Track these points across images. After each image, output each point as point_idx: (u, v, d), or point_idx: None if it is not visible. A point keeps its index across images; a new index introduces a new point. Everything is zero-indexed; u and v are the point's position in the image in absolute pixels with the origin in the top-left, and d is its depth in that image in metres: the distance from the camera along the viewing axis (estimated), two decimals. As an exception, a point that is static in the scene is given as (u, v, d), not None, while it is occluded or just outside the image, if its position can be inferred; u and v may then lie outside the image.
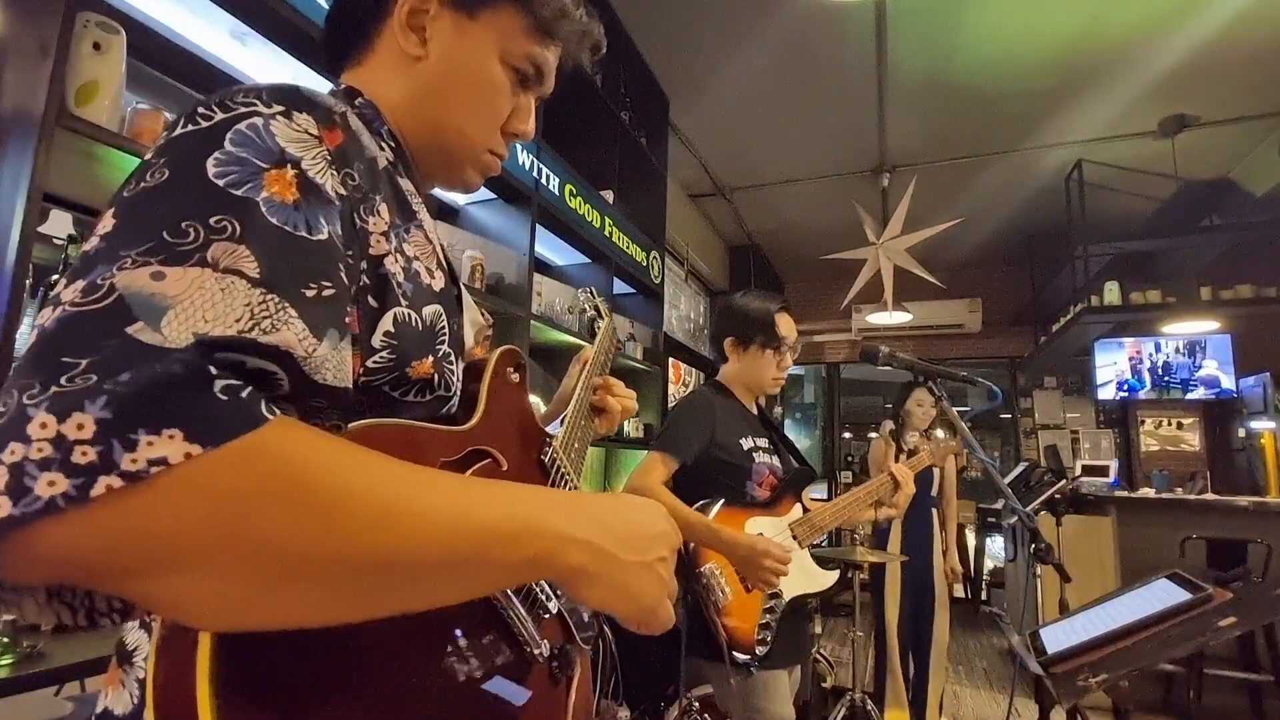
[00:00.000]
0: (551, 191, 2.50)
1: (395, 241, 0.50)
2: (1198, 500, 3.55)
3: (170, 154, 0.40)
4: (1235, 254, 4.57)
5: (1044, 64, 3.32)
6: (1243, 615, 1.02)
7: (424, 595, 0.40)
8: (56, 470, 0.29)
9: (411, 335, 0.50)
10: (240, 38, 1.46)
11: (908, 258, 4.36)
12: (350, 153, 0.48)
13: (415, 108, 0.59)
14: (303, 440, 0.35)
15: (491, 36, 0.60)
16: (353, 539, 0.35)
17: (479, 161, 0.64)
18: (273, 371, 0.37)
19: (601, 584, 0.45)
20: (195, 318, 0.34)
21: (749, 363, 1.73)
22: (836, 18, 3.02)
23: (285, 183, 0.41)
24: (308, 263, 0.40)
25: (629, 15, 3.04)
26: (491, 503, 0.42)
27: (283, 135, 0.43)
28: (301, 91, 0.47)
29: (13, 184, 1.03)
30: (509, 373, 0.66)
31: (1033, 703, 3.10)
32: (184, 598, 0.33)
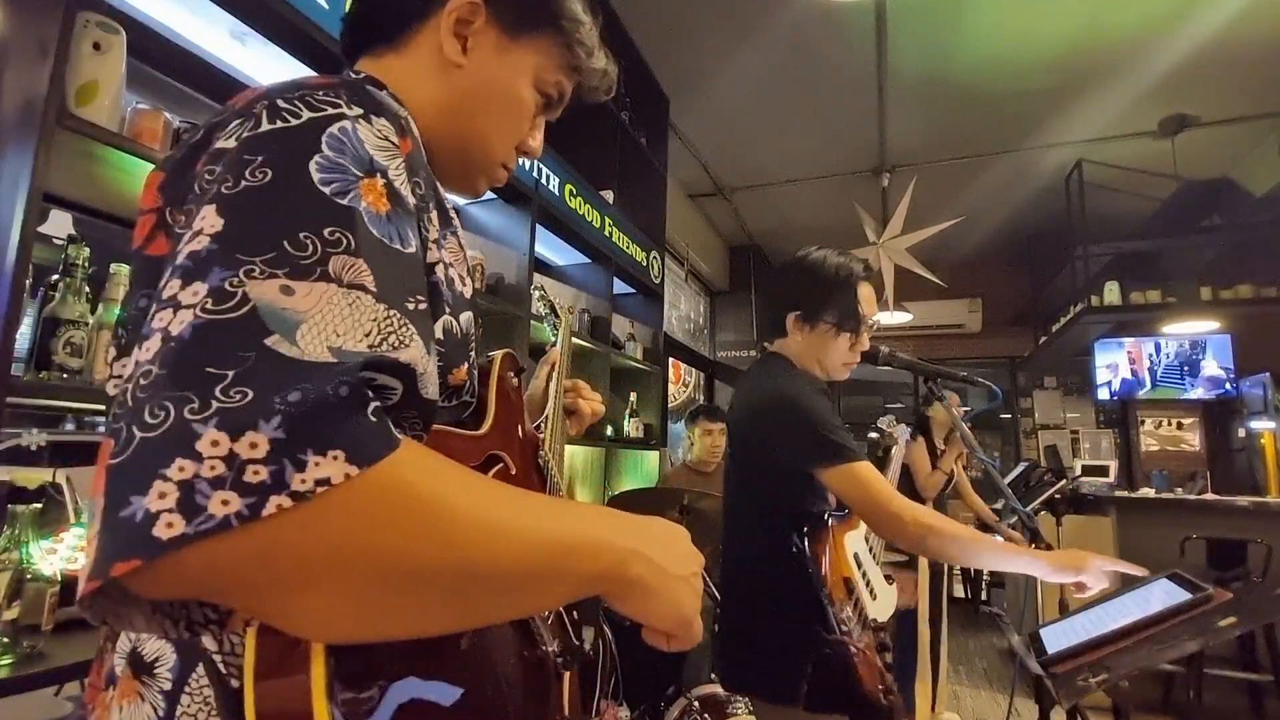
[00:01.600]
0: (551, 191, 2.50)
1: (440, 250, 0.50)
2: (1198, 500, 3.55)
3: (269, 152, 0.39)
4: (1235, 254, 4.57)
5: (1044, 64, 3.32)
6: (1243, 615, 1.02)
7: (516, 606, 0.43)
8: (230, 489, 0.29)
9: (454, 343, 0.50)
10: (240, 38, 1.46)
11: (908, 257, 4.36)
12: (416, 161, 0.47)
13: (444, 112, 0.59)
14: (428, 464, 0.37)
15: (529, 60, 0.61)
16: (465, 555, 0.36)
17: (493, 173, 0.66)
18: (393, 389, 0.37)
19: (655, 596, 0.47)
20: (328, 332, 0.34)
21: (815, 343, 1.35)
22: (836, 18, 3.02)
23: (378, 193, 0.41)
24: (406, 276, 0.40)
25: (629, 15, 3.04)
26: (567, 520, 0.43)
27: (369, 142, 0.42)
28: (370, 93, 0.46)
29: (13, 184, 1.03)
30: (510, 378, 0.67)
31: (1033, 703, 3.10)
32: (316, 611, 0.33)
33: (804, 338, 1.36)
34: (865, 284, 1.37)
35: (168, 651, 0.45)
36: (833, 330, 1.33)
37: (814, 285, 1.35)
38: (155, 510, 0.28)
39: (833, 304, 1.33)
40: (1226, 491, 3.94)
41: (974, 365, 6.30)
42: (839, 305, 1.33)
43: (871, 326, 1.38)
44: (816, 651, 1.18)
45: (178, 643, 0.45)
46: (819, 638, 1.18)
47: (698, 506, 2.39)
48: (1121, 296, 4.43)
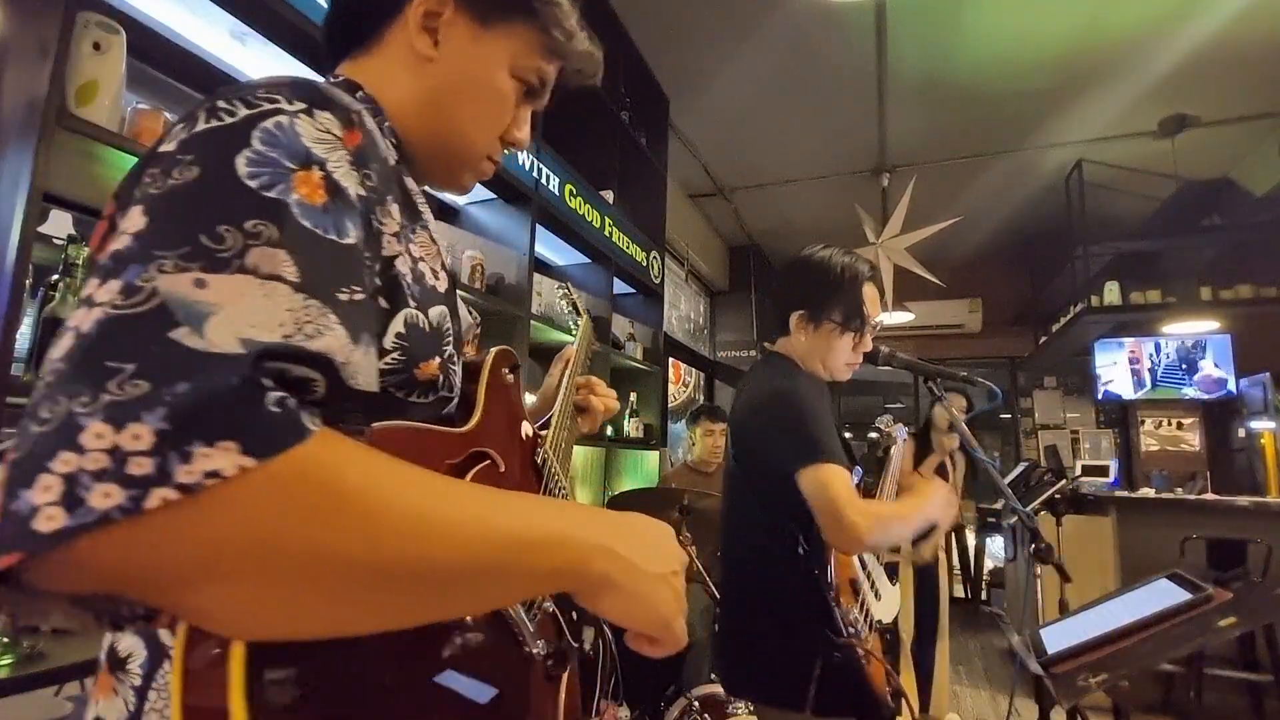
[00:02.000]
0: (551, 191, 2.50)
1: (404, 243, 0.50)
2: (1198, 500, 3.55)
3: (197, 150, 0.39)
4: (1235, 254, 4.57)
5: (1044, 64, 3.32)
6: (1243, 615, 1.02)
7: (456, 604, 0.41)
8: (112, 482, 0.29)
9: (420, 337, 0.50)
10: (240, 38, 1.46)
11: (908, 257, 4.36)
12: (368, 153, 0.47)
13: (421, 108, 0.59)
14: (343, 453, 0.35)
15: (504, 48, 0.60)
16: (390, 550, 0.35)
17: (478, 167, 0.65)
18: (312, 379, 0.37)
19: (624, 594, 0.46)
20: (239, 324, 0.33)
21: (819, 343, 1.34)
22: (836, 18, 3.02)
23: (313, 184, 0.41)
24: (339, 266, 0.40)
25: (629, 15, 3.04)
26: (519, 514, 0.42)
27: (307, 135, 0.42)
28: (321, 88, 0.47)
29: (13, 184, 1.03)
30: (504, 374, 0.66)
31: (1033, 703, 3.10)
32: (223, 607, 0.33)
33: (808, 337, 1.35)
34: (870, 284, 1.36)
35: (139, 648, 0.45)
36: (837, 330, 1.32)
37: (819, 284, 1.34)
38: (38, 504, 0.28)
39: (838, 303, 1.32)
40: (1226, 491, 3.94)
41: (974, 365, 6.30)
42: (844, 305, 1.32)
43: (875, 327, 1.38)
44: (825, 655, 1.16)
45: (148, 639, 0.45)
46: (827, 640, 1.16)
47: (698, 506, 2.39)
48: (1121, 296, 4.43)
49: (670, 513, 2.49)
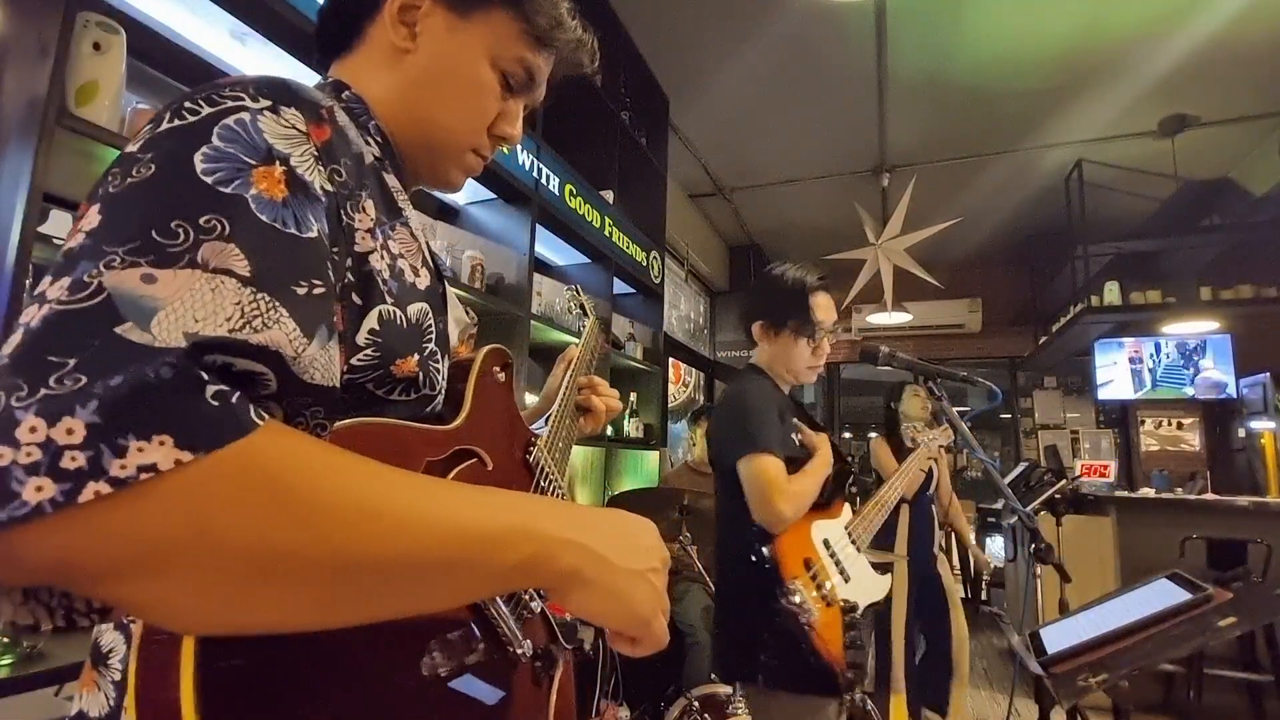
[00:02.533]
0: (551, 191, 2.50)
1: (381, 238, 0.50)
2: (1198, 500, 3.55)
3: (157, 149, 0.40)
4: (1235, 254, 4.57)
5: (1044, 64, 3.32)
6: (1243, 615, 1.02)
7: (413, 600, 0.40)
8: (44, 475, 0.29)
9: (396, 333, 0.50)
10: (240, 38, 1.46)
11: (907, 258, 4.36)
12: (337, 148, 0.47)
13: (402, 102, 0.59)
14: (289, 447, 0.35)
15: (483, 38, 0.60)
16: (337, 544, 0.35)
17: (462, 160, 0.64)
18: (261, 373, 0.37)
19: (596, 590, 0.45)
20: (185, 318, 0.33)
21: (779, 350, 1.51)
22: (836, 18, 3.02)
23: (274, 180, 0.41)
24: (298, 260, 0.40)
25: (629, 15, 3.04)
26: (480, 507, 0.41)
27: (270, 131, 0.42)
28: (289, 85, 0.46)
29: (13, 184, 1.03)
30: (495, 372, 0.66)
31: (1033, 703, 3.10)
32: (164, 601, 0.33)
33: (770, 345, 1.53)
34: (820, 293, 1.51)
35: (119, 643, 0.45)
36: (792, 336, 1.49)
37: (773, 296, 1.52)
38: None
39: (790, 312, 1.49)
40: (1226, 491, 3.94)
41: (974, 365, 6.30)
42: (795, 313, 1.48)
43: (831, 332, 1.51)
44: (768, 623, 1.26)
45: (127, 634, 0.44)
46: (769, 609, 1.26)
47: (698, 506, 2.39)
48: (1121, 296, 4.43)
49: (670, 513, 2.49)
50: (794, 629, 1.23)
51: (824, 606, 1.29)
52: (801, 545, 1.35)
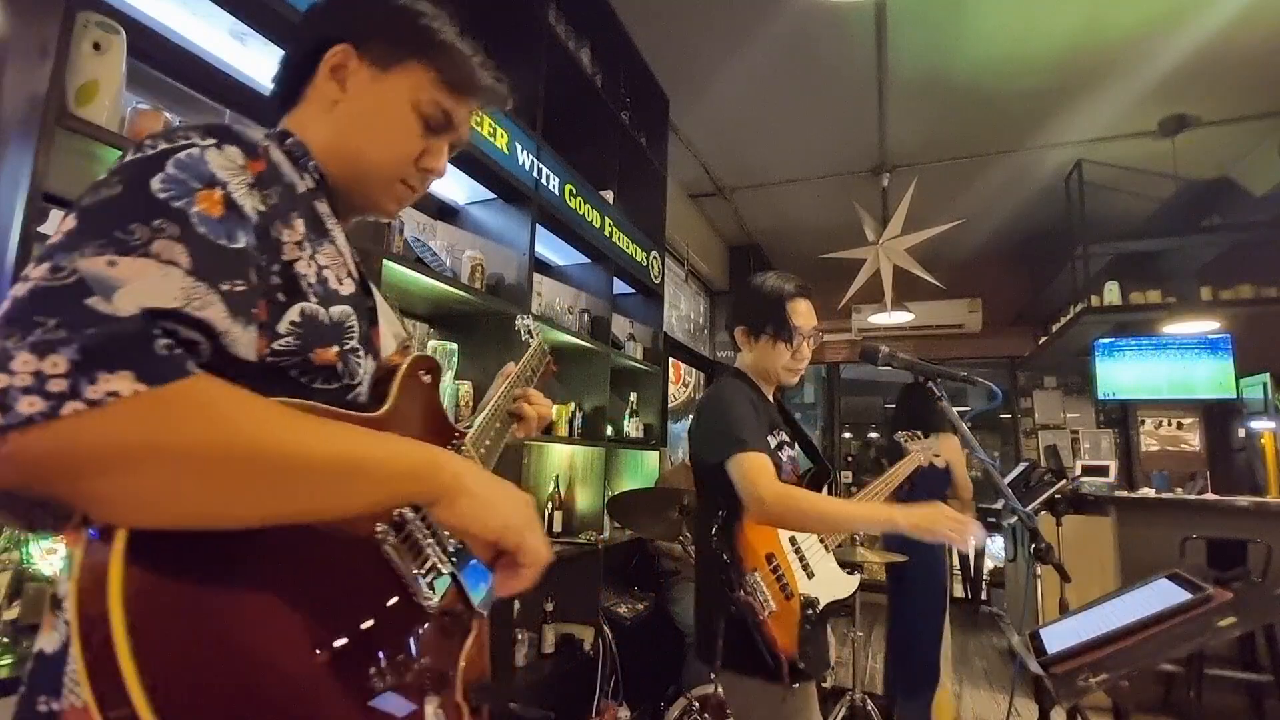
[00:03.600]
0: (551, 191, 2.50)
1: (309, 250, 0.61)
2: (1198, 500, 3.54)
3: (122, 174, 0.51)
4: (1235, 254, 4.57)
5: (1044, 64, 3.32)
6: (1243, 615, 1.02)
7: (319, 497, 0.50)
8: (35, 394, 0.40)
9: (316, 327, 0.60)
10: (240, 37, 1.46)
11: (908, 258, 4.36)
12: (269, 179, 0.58)
13: (335, 143, 0.70)
14: (218, 386, 0.47)
15: (402, 86, 0.71)
16: (255, 448, 0.46)
17: (392, 190, 0.74)
18: (198, 341, 0.48)
19: (475, 499, 0.57)
20: (141, 294, 0.44)
21: (760, 354, 1.59)
22: (836, 18, 3.02)
23: (214, 201, 0.52)
24: (226, 264, 0.51)
25: (629, 15, 3.04)
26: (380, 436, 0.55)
27: (215, 163, 0.54)
28: (232, 129, 0.58)
29: (13, 184, 1.03)
30: (420, 374, 0.76)
31: (1033, 703, 3.10)
32: (117, 493, 0.43)
33: (751, 349, 1.60)
34: (799, 300, 1.59)
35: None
36: (771, 341, 1.56)
37: (752, 304, 1.60)
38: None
39: (769, 318, 1.56)
40: (1226, 491, 3.94)
41: (974, 365, 6.30)
42: (774, 319, 1.55)
43: (810, 336, 1.58)
44: (725, 610, 1.34)
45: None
46: (725, 597, 1.34)
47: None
48: (1121, 296, 4.42)
49: (670, 513, 2.49)
50: (747, 618, 1.33)
51: (783, 600, 1.37)
52: (767, 541, 1.42)
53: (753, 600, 1.34)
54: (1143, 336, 5.03)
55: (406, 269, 1.76)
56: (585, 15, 2.84)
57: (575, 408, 2.76)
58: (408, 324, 2.22)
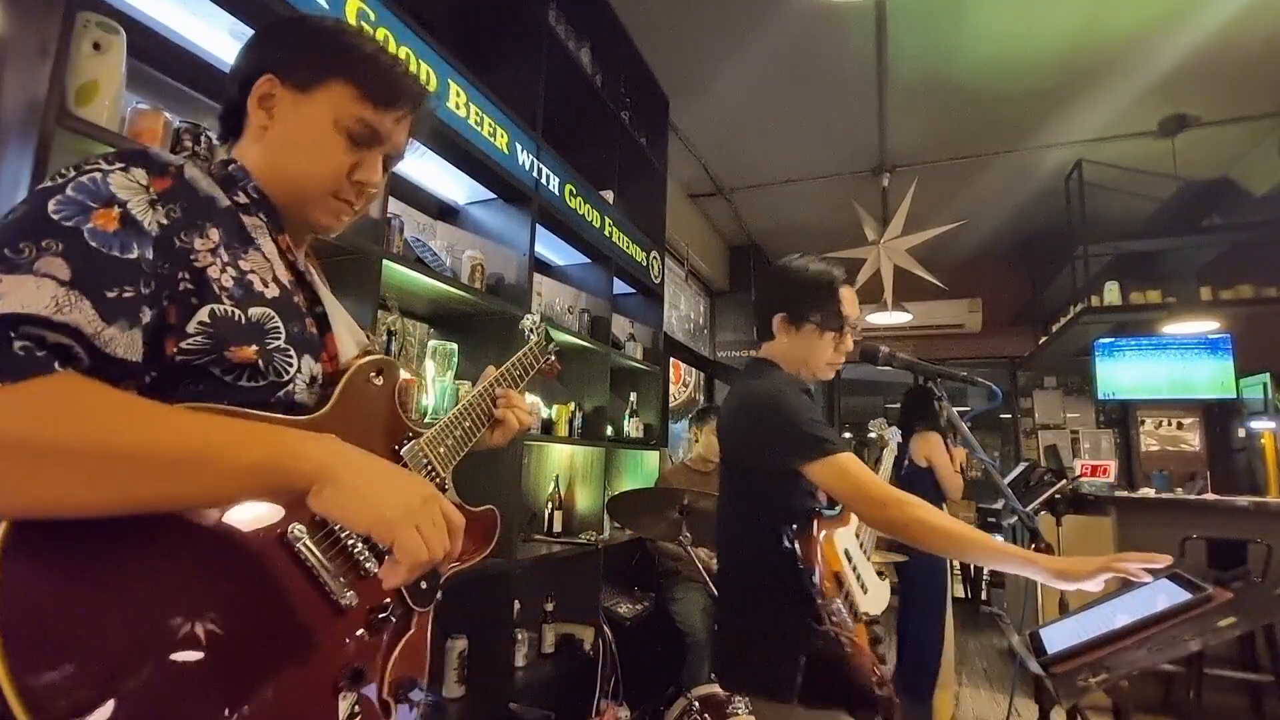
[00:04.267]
0: (551, 191, 2.50)
1: (228, 257, 0.66)
2: (1198, 500, 3.54)
3: (28, 200, 0.57)
4: (1235, 254, 4.57)
5: (1044, 64, 3.32)
6: (1243, 615, 1.02)
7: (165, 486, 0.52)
8: None
9: (228, 326, 0.63)
10: (240, 37, 1.46)
11: (908, 258, 4.35)
12: (176, 194, 0.63)
13: (269, 165, 0.75)
14: (79, 382, 0.51)
15: (324, 106, 0.75)
16: (105, 439, 0.50)
17: (326, 204, 0.77)
18: (69, 345, 0.52)
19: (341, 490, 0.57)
20: (13, 303, 0.49)
21: (802, 343, 1.42)
22: (836, 18, 3.02)
23: (110, 217, 0.57)
24: (113, 273, 0.56)
25: (629, 15, 3.04)
26: (231, 423, 0.58)
27: (116, 184, 0.59)
28: (148, 152, 0.64)
29: (13, 184, 1.03)
30: (372, 376, 0.78)
31: (1033, 703, 3.10)
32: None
33: (790, 339, 1.43)
34: (846, 287, 1.44)
35: None
36: (817, 331, 1.41)
37: (798, 289, 1.42)
38: None
39: (816, 306, 1.40)
40: (1226, 491, 3.94)
41: (974, 365, 6.30)
42: (822, 307, 1.40)
43: (856, 327, 1.45)
44: (809, 645, 1.20)
45: None
46: (811, 630, 1.20)
47: (698, 506, 2.39)
48: (1121, 296, 4.42)
49: (670, 513, 2.49)
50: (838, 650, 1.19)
51: (855, 623, 1.26)
52: (830, 559, 1.29)
53: (840, 631, 1.20)
54: (1143, 336, 5.03)
55: (406, 269, 1.76)
56: (585, 15, 2.84)
57: (575, 408, 2.76)
58: (408, 324, 2.22)
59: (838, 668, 1.19)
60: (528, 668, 2.33)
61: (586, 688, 2.52)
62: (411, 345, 2.23)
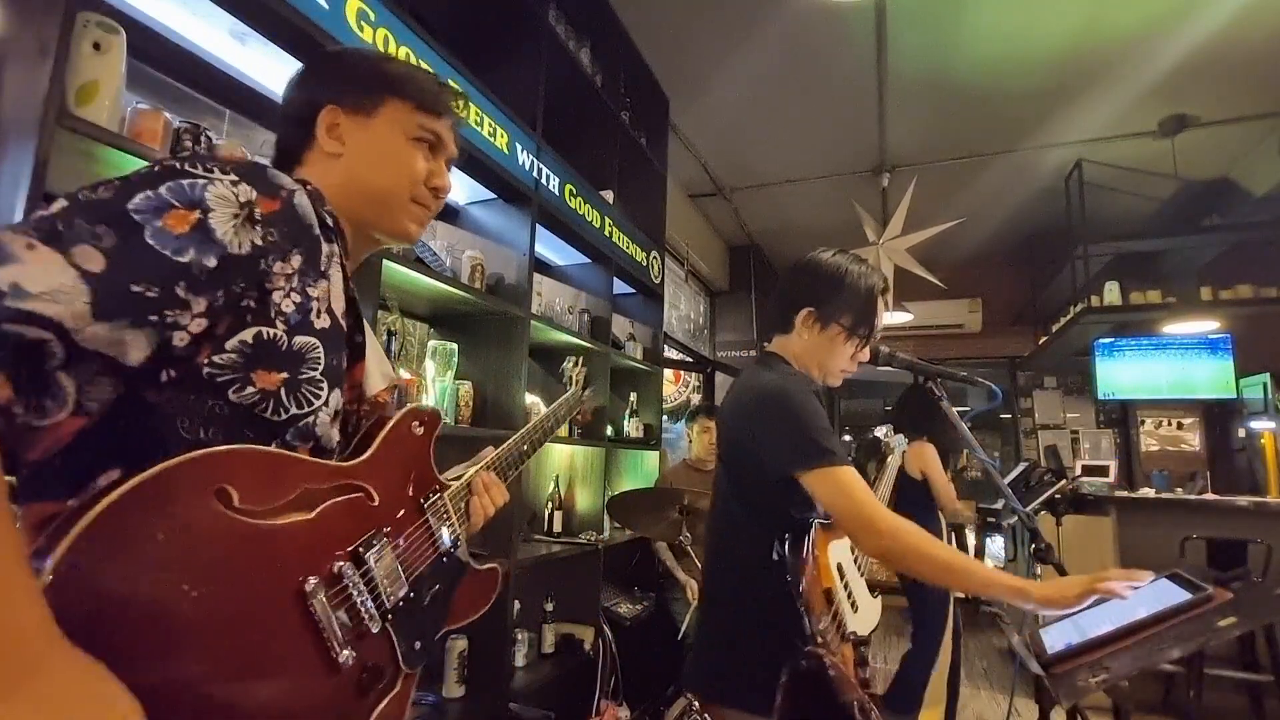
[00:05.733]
0: (551, 191, 2.50)
1: (299, 283, 0.65)
2: (1198, 500, 3.54)
3: (125, 182, 0.56)
4: (1235, 254, 4.57)
5: (1044, 64, 3.32)
6: (1243, 615, 1.02)
7: None
8: None
9: (268, 350, 0.62)
10: (240, 37, 1.46)
11: (908, 258, 4.36)
12: (280, 218, 0.63)
13: (347, 188, 0.78)
14: None
15: (390, 123, 0.81)
16: None
17: (408, 210, 0.82)
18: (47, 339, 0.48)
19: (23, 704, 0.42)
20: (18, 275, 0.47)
21: (822, 344, 1.33)
22: (836, 18, 3.02)
23: (184, 220, 0.56)
24: (154, 271, 0.54)
25: (629, 15, 3.04)
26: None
27: (213, 193, 0.59)
28: (265, 172, 0.65)
29: (13, 184, 1.03)
30: (414, 425, 0.80)
31: (1033, 703, 3.10)
32: None
33: (811, 336, 1.34)
34: (881, 298, 1.37)
35: None
36: (843, 334, 1.32)
37: (835, 287, 1.32)
38: None
39: (850, 309, 1.32)
40: (1226, 491, 3.94)
41: (974, 365, 6.30)
42: (855, 312, 1.32)
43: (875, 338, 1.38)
44: (792, 662, 1.14)
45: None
46: (794, 648, 1.14)
47: (697, 506, 2.39)
48: (1121, 296, 4.42)
49: (670, 512, 2.49)
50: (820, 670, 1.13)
51: (841, 643, 1.21)
52: (822, 574, 1.23)
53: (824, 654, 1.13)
54: (1143, 336, 5.03)
55: (406, 269, 1.76)
56: (585, 15, 2.84)
57: (575, 408, 2.75)
58: (408, 324, 2.22)
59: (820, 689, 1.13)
60: (527, 668, 2.33)
61: (586, 688, 2.52)
62: (411, 345, 2.23)
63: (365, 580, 0.67)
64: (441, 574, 0.80)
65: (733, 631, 1.27)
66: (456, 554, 0.84)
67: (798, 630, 1.15)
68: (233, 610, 0.55)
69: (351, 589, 0.65)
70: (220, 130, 1.59)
